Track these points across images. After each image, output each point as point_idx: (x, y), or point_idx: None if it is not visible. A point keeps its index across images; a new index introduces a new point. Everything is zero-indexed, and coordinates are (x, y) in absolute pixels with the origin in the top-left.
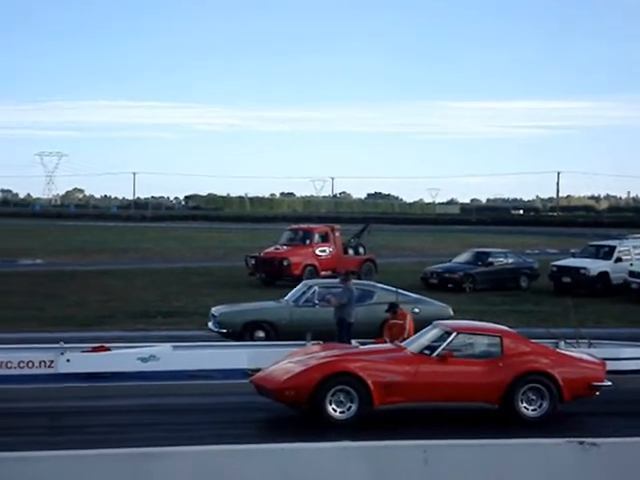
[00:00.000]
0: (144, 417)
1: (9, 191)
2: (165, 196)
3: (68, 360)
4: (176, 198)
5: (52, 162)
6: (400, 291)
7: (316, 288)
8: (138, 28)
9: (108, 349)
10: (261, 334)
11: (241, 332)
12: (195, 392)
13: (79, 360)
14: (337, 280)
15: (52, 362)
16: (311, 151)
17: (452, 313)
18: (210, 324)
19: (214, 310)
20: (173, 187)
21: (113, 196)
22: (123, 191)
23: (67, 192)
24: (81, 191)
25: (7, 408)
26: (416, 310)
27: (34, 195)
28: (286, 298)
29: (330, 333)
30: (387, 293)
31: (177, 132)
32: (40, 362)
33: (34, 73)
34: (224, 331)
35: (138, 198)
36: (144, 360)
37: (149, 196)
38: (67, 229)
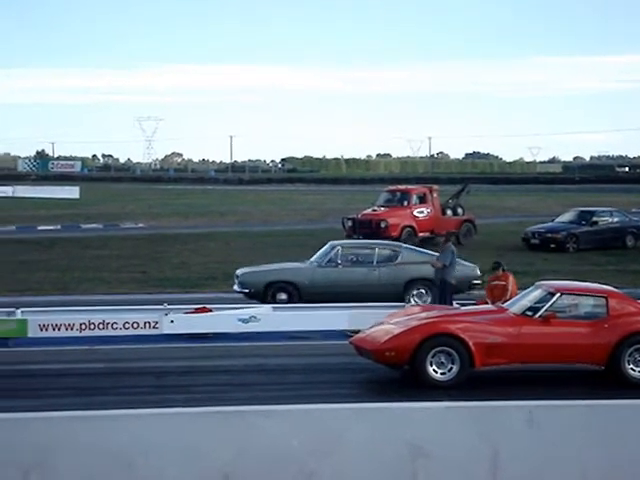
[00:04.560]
0: (245, 377)
1: (110, 156)
2: (262, 159)
3: (172, 321)
4: (272, 161)
5: (151, 127)
6: (426, 251)
7: (339, 248)
8: None
9: (210, 310)
10: (283, 296)
11: (263, 292)
12: (294, 353)
13: (182, 321)
14: (362, 241)
15: (156, 323)
16: (408, 111)
17: (479, 273)
18: (235, 286)
19: (238, 271)
20: (270, 150)
21: (211, 160)
22: (220, 155)
23: (166, 156)
24: (179, 155)
25: (114, 368)
26: None
27: (134, 160)
28: (312, 259)
29: (352, 294)
30: (412, 253)
31: (273, 94)
32: (145, 323)
33: (131, 38)
34: (246, 291)
35: (235, 161)
36: (245, 321)
37: (246, 159)
38: (167, 193)
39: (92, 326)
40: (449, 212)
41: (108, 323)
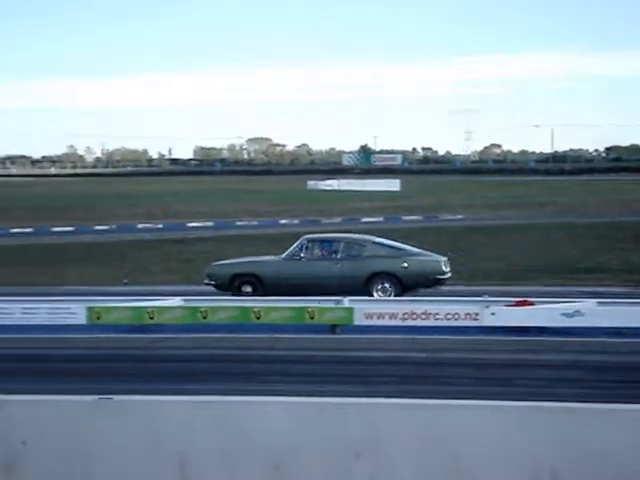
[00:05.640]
0: (566, 373)
1: (429, 149)
2: (584, 148)
3: (493, 313)
4: (596, 150)
5: (468, 119)
6: (398, 245)
7: (305, 242)
8: None
9: (531, 304)
10: (248, 288)
11: (229, 284)
12: (614, 350)
13: (503, 314)
14: (330, 234)
15: (477, 315)
16: None
17: (445, 268)
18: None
19: (212, 264)
20: (593, 139)
21: (530, 150)
22: (541, 145)
23: (485, 148)
24: (498, 146)
25: (435, 358)
26: (404, 265)
27: (453, 152)
28: (284, 253)
29: (314, 287)
30: (379, 248)
31: (594, 82)
32: (465, 314)
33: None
34: (213, 283)
35: (556, 151)
36: (568, 315)
37: (567, 149)
38: (486, 185)
39: (414, 316)
40: None
41: (430, 314)
